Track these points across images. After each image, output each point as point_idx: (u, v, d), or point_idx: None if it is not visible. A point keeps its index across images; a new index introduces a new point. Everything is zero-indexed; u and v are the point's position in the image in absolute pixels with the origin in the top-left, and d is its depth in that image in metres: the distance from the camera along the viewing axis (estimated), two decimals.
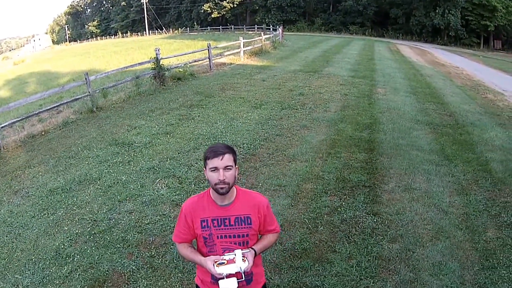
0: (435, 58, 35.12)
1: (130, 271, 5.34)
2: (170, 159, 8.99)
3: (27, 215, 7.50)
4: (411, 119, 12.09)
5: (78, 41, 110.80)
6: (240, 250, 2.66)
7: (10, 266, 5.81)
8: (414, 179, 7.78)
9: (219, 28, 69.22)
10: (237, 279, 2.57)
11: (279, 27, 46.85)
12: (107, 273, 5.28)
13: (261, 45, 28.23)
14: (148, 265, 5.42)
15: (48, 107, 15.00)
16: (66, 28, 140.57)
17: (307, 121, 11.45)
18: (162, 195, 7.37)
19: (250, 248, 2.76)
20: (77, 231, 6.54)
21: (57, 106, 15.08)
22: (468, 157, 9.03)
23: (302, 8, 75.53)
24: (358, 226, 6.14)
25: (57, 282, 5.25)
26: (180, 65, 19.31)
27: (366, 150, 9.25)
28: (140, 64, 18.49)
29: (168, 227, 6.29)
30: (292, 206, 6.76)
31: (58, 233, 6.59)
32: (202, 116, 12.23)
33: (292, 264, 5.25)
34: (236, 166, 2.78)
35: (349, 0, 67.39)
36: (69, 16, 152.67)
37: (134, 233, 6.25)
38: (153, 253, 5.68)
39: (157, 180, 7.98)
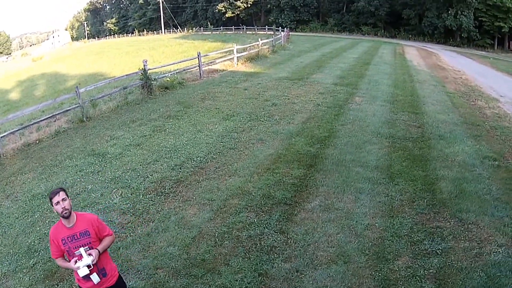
0: (439, 61, 34.77)
1: None
2: (131, 171, 10.46)
3: (13, 216, 9.42)
4: (372, 132, 12.23)
5: (97, 38, 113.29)
6: (83, 247, 4.22)
7: None
8: (341, 198, 8.00)
9: (232, 29, 70.38)
10: (89, 269, 4.13)
11: (284, 29, 47.40)
12: (58, 267, 6.77)
13: (258, 50, 28.95)
14: None
15: (47, 116, 16.81)
16: (85, 25, 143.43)
17: (266, 134, 12.19)
18: (115, 204, 8.89)
19: (95, 249, 4.30)
20: (45, 231, 8.24)
21: (55, 115, 16.90)
22: (415, 175, 9.02)
23: (315, 9, 75.97)
24: (260, 243, 6.71)
25: (25, 271, 7.00)
26: (167, 74, 20.62)
27: (306, 166, 9.68)
28: (127, 75, 19.97)
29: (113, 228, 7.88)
30: (211, 219, 7.63)
31: (32, 232, 8.35)
32: (173, 127, 13.55)
33: (188, 271, 6.21)
34: (69, 198, 4.30)
35: (361, 1, 67.54)
36: (89, 13, 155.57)
37: None
38: None
39: (114, 190, 9.52)
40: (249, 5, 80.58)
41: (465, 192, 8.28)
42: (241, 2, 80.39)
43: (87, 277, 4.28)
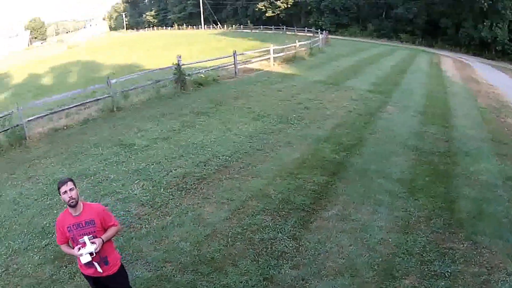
0: (474, 73, 34.52)
1: None
2: (155, 164, 10.74)
3: (32, 197, 9.87)
4: (400, 143, 12.23)
5: (135, 30, 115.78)
6: (87, 236, 4.52)
7: (7, 234, 8.23)
8: (360, 209, 8.03)
9: (272, 28, 70.93)
10: (91, 257, 4.47)
11: (323, 32, 47.41)
12: None
13: (295, 52, 29.22)
14: None
15: (77, 103, 17.41)
16: (124, 16, 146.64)
17: (294, 137, 12.31)
18: (135, 194, 9.16)
19: (99, 237, 4.60)
20: None
21: (85, 102, 17.53)
22: (436, 192, 8.96)
23: (355, 13, 75.64)
24: (271, 248, 6.86)
25: (36, 250, 7.45)
26: (202, 70, 20.97)
27: (329, 173, 9.76)
28: (161, 69, 20.45)
29: (127, 222, 8.09)
30: (227, 219, 7.81)
31: (49, 215, 8.70)
32: (203, 124, 13.86)
33: (196, 268, 6.42)
34: (77, 188, 4.64)
35: (399, 7, 66.86)
36: (127, 4, 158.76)
37: None
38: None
39: (136, 182, 9.81)
40: (289, 6, 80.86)
41: (483, 213, 8.21)
42: (281, 2, 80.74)
43: (88, 264, 4.60)
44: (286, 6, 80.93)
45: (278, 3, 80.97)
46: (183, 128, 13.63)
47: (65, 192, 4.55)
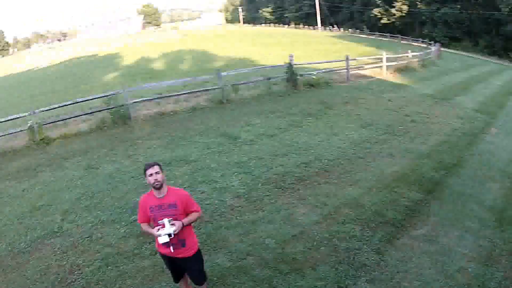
0: None
1: None
2: (257, 159, 11.03)
3: (129, 174, 10.70)
4: (498, 168, 11.94)
5: (252, 24, 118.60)
6: (167, 219, 4.84)
7: (98, 205, 9.14)
8: (447, 233, 7.85)
9: (387, 35, 69.65)
10: (169, 238, 4.81)
11: (436, 44, 45.87)
12: None
13: (407, 62, 28.82)
14: None
15: (188, 91, 18.36)
16: (240, 10, 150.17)
17: (397, 150, 12.12)
18: (232, 186, 9.48)
19: (179, 220, 4.91)
20: None
21: (196, 91, 18.40)
22: None
23: (467, 27, 72.07)
24: (353, 258, 6.86)
25: (123, 224, 8.20)
26: (314, 72, 21.13)
27: (425, 191, 9.54)
28: (273, 67, 20.99)
29: (219, 211, 8.47)
30: (317, 223, 7.88)
31: (143, 193, 9.30)
32: (310, 126, 14.00)
33: (276, 266, 6.62)
34: (163, 171, 4.98)
35: (510, 25, 62.09)
36: None
37: None
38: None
39: (235, 174, 10.14)
40: (404, 15, 79.16)
41: None
42: (396, 10, 79.21)
43: (166, 244, 4.93)
44: (400, 14, 79.36)
45: (393, 10, 79.39)
46: (289, 127, 13.86)
47: (151, 174, 4.90)
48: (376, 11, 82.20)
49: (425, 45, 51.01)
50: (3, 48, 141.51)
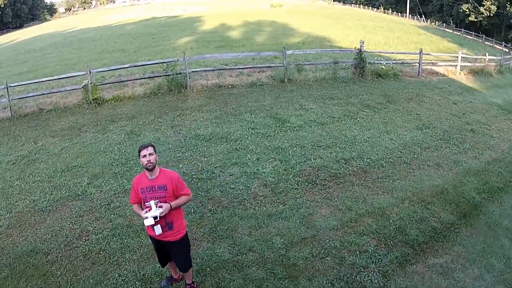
0: None
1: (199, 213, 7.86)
2: (299, 147, 10.80)
3: (166, 146, 10.99)
4: None
5: (341, 3, 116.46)
6: (153, 201, 4.94)
7: (126, 173, 9.69)
8: (467, 268, 7.20)
9: (472, 34, 66.56)
10: (155, 221, 4.92)
11: None
12: None
13: (484, 65, 27.19)
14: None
15: (252, 65, 18.28)
16: None
17: (446, 160, 11.31)
18: (263, 173, 9.39)
19: (168, 203, 5.01)
20: (185, 170, 9.54)
21: (261, 67, 18.28)
22: None
23: None
24: (356, 276, 6.56)
25: None
26: (383, 62, 20.37)
27: (459, 214, 8.76)
28: (341, 50, 20.53)
29: (239, 197, 8.45)
30: (333, 229, 7.61)
31: (171, 167, 9.39)
32: (365, 118, 13.52)
33: (272, 268, 6.53)
34: (157, 154, 5.10)
35: None
36: None
37: (215, 188, 8.84)
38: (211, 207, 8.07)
39: (270, 160, 10.02)
40: (492, 15, 75.29)
41: None
42: (485, 9, 75.51)
43: (152, 227, 5.01)
44: (488, 14, 75.49)
45: (482, 9, 75.77)
46: (343, 117, 13.42)
47: (145, 156, 5.01)
48: (465, 7, 78.92)
49: (507, 50, 48.89)
50: (85, 1, 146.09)
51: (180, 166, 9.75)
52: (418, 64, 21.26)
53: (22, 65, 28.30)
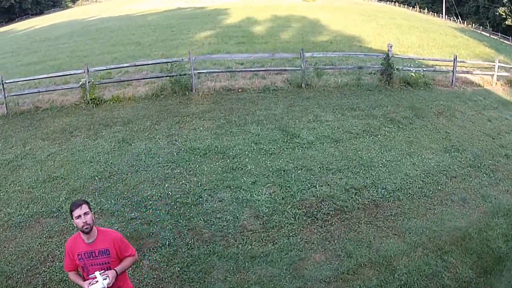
0: None
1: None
2: (304, 170, 9.74)
3: (155, 160, 10.31)
4: None
5: (377, 0, 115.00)
6: (98, 271, 4.26)
7: (107, 190, 9.17)
8: None
9: (509, 39, 64.41)
10: None
11: None
12: None
13: None
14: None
15: (265, 68, 17.29)
16: None
17: (474, 194, 9.78)
18: (257, 200, 8.50)
19: (112, 269, 4.35)
20: (169, 192, 8.87)
21: (275, 70, 17.28)
22: None
23: None
24: None
25: (120, 219, 8.19)
26: (412, 69, 18.66)
27: (481, 269, 7.28)
28: (366, 55, 19.40)
29: (224, 231, 7.66)
30: (324, 282, 6.63)
31: (157, 185, 9.02)
32: (387, 136, 12.16)
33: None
34: (92, 212, 4.34)
35: None
36: None
37: (198, 216, 8.09)
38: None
39: (268, 185, 9.07)
40: None
41: None
42: None
43: None
44: None
45: None
46: (362, 133, 12.16)
47: (79, 216, 4.28)
48: (501, 10, 76.98)
49: None
50: None
51: (166, 186, 8.98)
52: (452, 72, 19.77)
53: (33, 55, 28.04)
